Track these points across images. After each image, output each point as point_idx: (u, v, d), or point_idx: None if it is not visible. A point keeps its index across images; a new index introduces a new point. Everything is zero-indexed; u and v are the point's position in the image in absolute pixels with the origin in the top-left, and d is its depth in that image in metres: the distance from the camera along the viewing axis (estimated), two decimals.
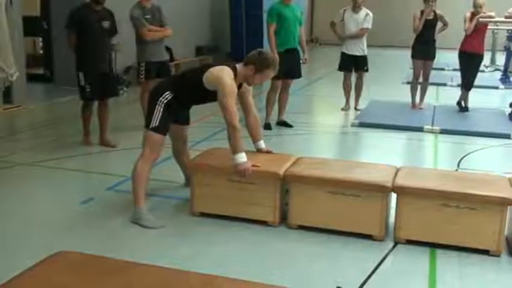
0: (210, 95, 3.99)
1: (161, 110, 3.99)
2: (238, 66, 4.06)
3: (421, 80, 8.28)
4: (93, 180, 5.14)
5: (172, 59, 11.11)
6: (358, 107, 8.32)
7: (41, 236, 3.80)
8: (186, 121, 4.53)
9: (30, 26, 9.77)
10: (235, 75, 3.97)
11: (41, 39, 10.93)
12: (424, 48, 7.99)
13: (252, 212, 4.00)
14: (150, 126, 4.03)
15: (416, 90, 8.31)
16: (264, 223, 3.98)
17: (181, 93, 4.06)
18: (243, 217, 4.02)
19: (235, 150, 3.89)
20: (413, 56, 8.16)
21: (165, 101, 4.00)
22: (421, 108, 8.29)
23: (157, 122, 4.00)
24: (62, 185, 4.92)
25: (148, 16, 6.61)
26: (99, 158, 5.78)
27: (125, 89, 9.24)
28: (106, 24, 5.90)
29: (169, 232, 3.92)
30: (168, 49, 9.31)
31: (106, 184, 4.84)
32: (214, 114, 7.89)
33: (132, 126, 6.98)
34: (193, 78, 4.06)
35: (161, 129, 4.03)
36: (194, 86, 4.03)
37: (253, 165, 3.89)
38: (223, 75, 3.89)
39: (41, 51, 11.16)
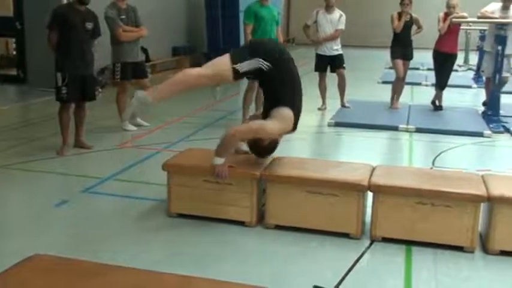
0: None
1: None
2: None
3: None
4: (68, 182, 5.08)
5: (148, 59, 11.04)
6: (346, 104, 8.36)
7: (14, 239, 3.74)
8: None
9: (3, 27, 9.63)
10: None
11: (14, 39, 10.75)
12: (403, 49, 8.13)
13: (229, 212, 4.00)
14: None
15: (402, 89, 8.40)
16: (241, 223, 3.97)
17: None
18: (220, 218, 4.01)
19: (219, 153, 3.87)
20: (394, 57, 8.25)
21: None
22: (396, 108, 8.37)
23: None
24: (36, 187, 4.85)
25: (123, 16, 6.57)
26: (74, 159, 5.70)
27: (100, 90, 9.15)
28: (89, 25, 5.77)
29: (145, 233, 3.89)
30: (144, 50, 9.26)
31: (81, 186, 4.79)
32: (190, 115, 7.88)
33: (107, 128, 6.94)
34: None
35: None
36: None
37: (229, 166, 3.89)
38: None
39: (14, 52, 10.98)
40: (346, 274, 3.31)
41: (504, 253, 3.55)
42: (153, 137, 6.62)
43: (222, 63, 3.85)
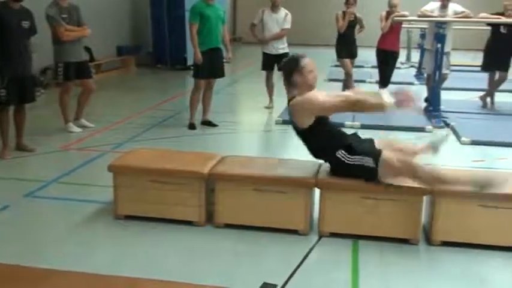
0: (318, 127, 3.73)
1: (355, 157, 3.68)
2: (291, 91, 3.86)
3: (342, 77, 8.54)
4: (10, 186, 4.90)
5: (92, 59, 10.82)
6: None
7: None
8: None
9: None
10: (301, 94, 3.77)
11: None
12: (348, 48, 8.29)
13: (177, 212, 3.97)
14: (374, 167, 3.61)
15: (352, 86, 8.54)
16: (190, 223, 3.95)
17: (326, 147, 3.78)
18: (168, 218, 3.98)
19: (378, 103, 3.55)
20: (341, 56, 8.39)
21: (347, 154, 3.69)
22: None
23: (367, 157, 3.64)
24: None
25: (65, 15, 6.41)
26: (15, 163, 5.52)
27: (42, 91, 8.90)
28: (26, 24, 5.57)
29: (92, 236, 3.81)
30: (87, 49, 9.07)
31: (23, 190, 4.64)
32: (135, 116, 7.77)
33: (50, 129, 6.76)
34: (310, 134, 3.78)
35: (370, 151, 3.71)
36: (307, 134, 3.79)
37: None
38: (294, 102, 3.75)
39: None
40: (295, 270, 3.35)
41: (445, 243, 3.67)
42: (98, 138, 6.49)
43: None
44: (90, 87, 6.90)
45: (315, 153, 3.90)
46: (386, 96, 3.54)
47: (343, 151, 3.71)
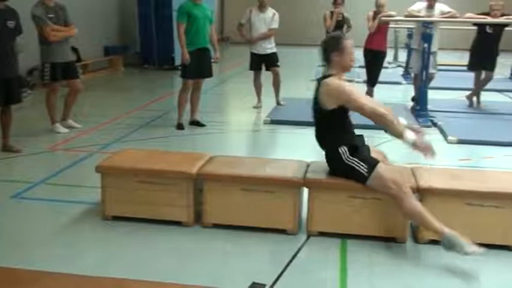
0: (341, 115, 3.75)
1: (353, 158, 3.70)
2: (327, 70, 3.81)
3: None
4: None
5: (79, 59, 10.77)
6: (281, 102, 8.45)
7: None
8: None
9: None
10: (336, 76, 3.75)
11: None
12: None
13: (165, 213, 3.96)
14: (367, 174, 3.63)
15: None
16: (178, 223, 3.95)
17: (336, 139, 3.78)
18: (157, 218, 3.97)
19: (399, 132, 3.61)
20: None
21: (348, 153, 3.71)
22: None
23: (365, 164, 3.66)
24: None
25: (51, 15, 6.37)
26: (1, 164, 5.48)
27: (28, 91, 8.85)
28: (11, 24, 5.52)
29: (80, 238, 3.79)
30: (74, 49, 9.02)
31: (10, 192, 4.61)
32: (123, 116, 7.74)
33: (37, 130, 6.72)
34: (325, 117, 3.80)
35: (372, 161, 3.71)
36: (327, 118, 3.79)
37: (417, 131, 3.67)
38: (328, 82, 3.69)
39: None
40: (284, 270, 3.36)
41: (433, 242, 3.69)
42: (85, 139, 6.46)
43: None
44: (77, 88, 6.86)
45: (320, 136, 3.90)
46: (409, 133, 3.63)
47: (346, 148, 3.72)
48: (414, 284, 3.25)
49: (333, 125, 3.81)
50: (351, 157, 3.70)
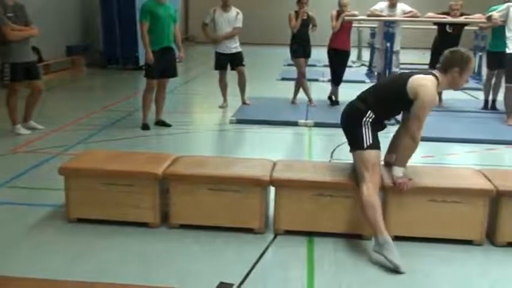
0: (408, 105, 3.70)
1: (369, 128, 3.72)
2: (438, 74, 3.74)
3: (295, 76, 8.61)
4: None
5: (41, 59, 10.55)
6: (247, 101, 8.46)
7: None
8: None
9: None
10: (437, 83, 3.70)
11: None
12: (303, 47, 8.36)
13: (131, 214, 3.92)
14: (365, 146, 3.71)
15: (305, 85, 8.59)
16: (145, 225, 3.91)
17: (380, 108, 3.78)
18: (122, 220, 3.92)
19: (403, 163, 3.74)
20: (296, 56, 8.44)
21: (370, 120, 3.74)
22: (294, 103, 8.62)
23: (371, 139, 3.70)
24: None
25: (10, 14, 6.23)
26: None
27: None
28: None
29: (44, 241, 3.72)
30: (35, 49, 8.83)
31: None
32: (86, 117, 7.63)
33: None
34: (396, 88, 3.75)
35: (376, 144, 3.73)
36: (396, 97, 3.76)
37: (409, 179, 3.75)
38: (428, 84, 3.64)
39: None
40: (252, 269, 3.36)
41: (397, 238, 3.75)
42: (48, 140, 6.34)
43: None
44: (38, 89, 6.73)
45: (371, 96, 3.89)
46: (400, 171, 3.74)
47: (373, 117, 3.76)
48: (377, 281, 3.30)
49: (390, 101, 3.83)
50: (368, 124, 3.76)
